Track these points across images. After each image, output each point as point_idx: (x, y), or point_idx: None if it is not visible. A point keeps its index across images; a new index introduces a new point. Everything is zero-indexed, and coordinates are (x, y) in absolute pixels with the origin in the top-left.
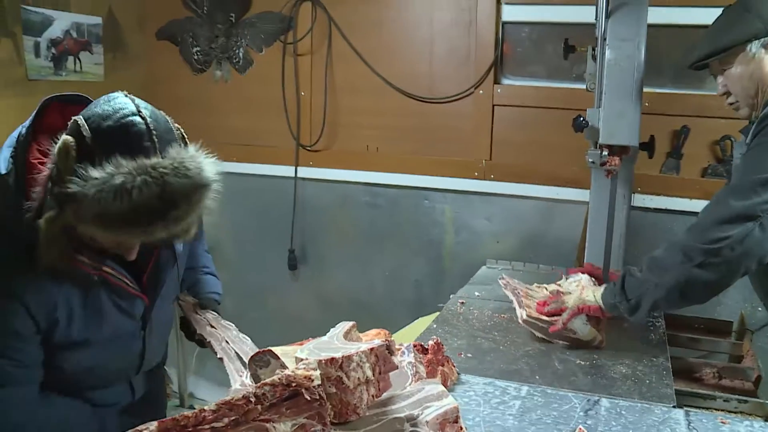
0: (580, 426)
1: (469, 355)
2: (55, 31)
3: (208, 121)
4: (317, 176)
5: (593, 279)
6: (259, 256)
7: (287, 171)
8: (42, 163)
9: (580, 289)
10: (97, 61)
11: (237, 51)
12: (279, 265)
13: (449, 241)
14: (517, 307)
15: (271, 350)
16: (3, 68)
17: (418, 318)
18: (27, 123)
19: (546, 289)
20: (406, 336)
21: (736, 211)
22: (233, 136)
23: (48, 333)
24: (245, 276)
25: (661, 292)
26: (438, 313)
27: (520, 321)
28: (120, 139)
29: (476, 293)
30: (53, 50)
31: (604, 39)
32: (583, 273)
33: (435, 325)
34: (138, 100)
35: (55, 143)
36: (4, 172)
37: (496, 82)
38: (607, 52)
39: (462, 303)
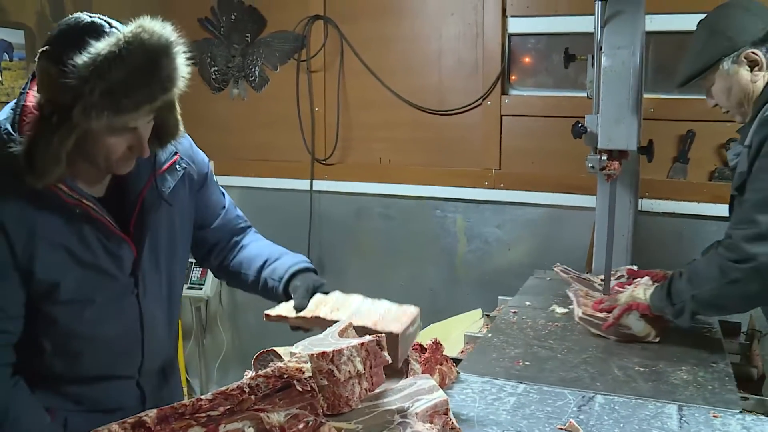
0: (571, 420)
1: (528, 363)
2: None
3: (226, 138)
4: (332, 189)
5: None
6: None
7: (303, 184)
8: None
9: (633, 287)
10: None
11: (253, 70)
12: None
13: (461, 249)
14: (575, 306)
15: (274, 350)
16: None
17: (430, 324)
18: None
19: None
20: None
21: (766, 226)
22: (251, 151)
23: (28, 266)
24: None
25: (698, 304)
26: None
27: (576, 319)
28: (82, 30)
29: (527, 303)
30: None
31: (600, 47)
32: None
33: (490, 334)
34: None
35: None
36: (2, 118)
37: (504, 92)
38: (603, 60)
39: (514, 312)
